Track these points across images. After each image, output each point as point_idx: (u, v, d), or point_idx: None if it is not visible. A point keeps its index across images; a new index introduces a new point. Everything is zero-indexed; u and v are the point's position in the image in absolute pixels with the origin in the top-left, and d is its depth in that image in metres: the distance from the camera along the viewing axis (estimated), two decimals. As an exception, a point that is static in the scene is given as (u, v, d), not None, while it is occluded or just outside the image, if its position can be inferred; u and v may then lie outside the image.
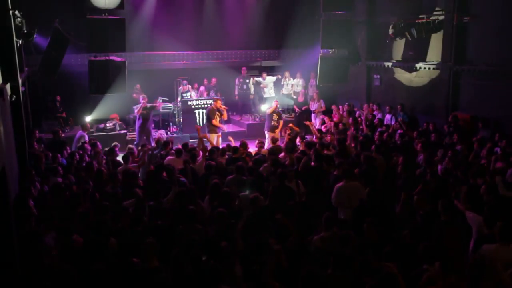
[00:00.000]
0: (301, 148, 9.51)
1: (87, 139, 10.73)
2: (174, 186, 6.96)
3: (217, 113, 11.93)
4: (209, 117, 11.99)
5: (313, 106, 14.55)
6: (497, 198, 6.30)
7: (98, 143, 10.02)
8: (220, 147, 10.14)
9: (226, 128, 12.44)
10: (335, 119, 12.63)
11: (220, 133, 12.09)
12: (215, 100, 12.37)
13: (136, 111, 12.56)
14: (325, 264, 4.78)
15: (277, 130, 12.22)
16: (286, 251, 5.17)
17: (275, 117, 12.34)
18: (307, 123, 12.41)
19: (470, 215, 5.80)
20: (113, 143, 9.79)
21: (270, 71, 16.38)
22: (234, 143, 10.17)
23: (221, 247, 5.03)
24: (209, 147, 9.64)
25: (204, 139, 10.23)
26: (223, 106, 12.18)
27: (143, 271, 4.75)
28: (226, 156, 8.98)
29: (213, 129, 11.87)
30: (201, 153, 9.12)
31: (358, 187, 6.85)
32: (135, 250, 5.06)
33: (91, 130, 12.89)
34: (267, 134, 12.40)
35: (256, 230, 5.62)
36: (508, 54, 10.56)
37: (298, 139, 10.22)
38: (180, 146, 9.45)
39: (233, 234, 5.62)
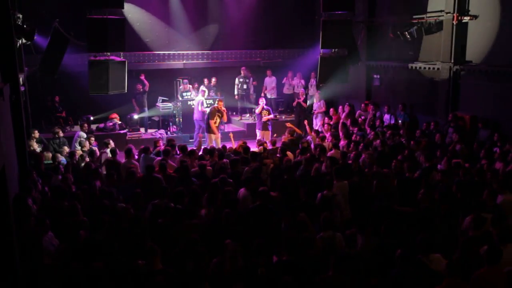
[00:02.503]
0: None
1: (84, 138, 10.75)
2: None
3: (218, 114, 11.95)
4: (209, 117, 12.05)
5: (314, 106, 14.56)
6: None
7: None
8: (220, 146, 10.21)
9: (219, 135, 12.28)
10: (333, 121, 12.63)
11: (219, 134, 12.10)
12: (218, 101, 12.41)
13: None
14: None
15: (270, 128, 12.60)
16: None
17: (264, 113, 12.62)
18: (305, 122, 12.52)
19: None
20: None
21: (270, 71, 16.38)
22: (233, 141, 10.25)
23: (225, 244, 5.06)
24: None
25: (204, 139, 10.29)
26: (223, 108, 12.20)
27: (146, 273, 4.76)
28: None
29: (211, 129, 11.90)
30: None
31: (346, 186, 7.10)
32: (138, 251, 5.08)
33: (90, 130, 12.88)
34: (258, 133, 12.68)
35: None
36: (508, 54, 10.56)
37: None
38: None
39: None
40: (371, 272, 4.95)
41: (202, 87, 14.33)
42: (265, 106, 12.84)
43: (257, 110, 12.88)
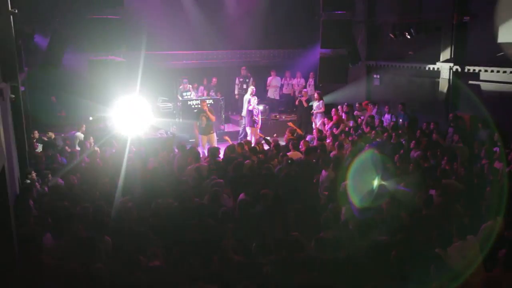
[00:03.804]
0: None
1: (82, 139, 10.77)
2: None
3: (203, 115, 11.98)
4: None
5: (314, 106, 14.54)
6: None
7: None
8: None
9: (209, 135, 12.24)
10: (333, 121, 12.62)
11: (213, 134, 12.14)
12: (201, 102, 12.46)
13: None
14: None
15: (257, 126, 12.84)
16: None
17: (254, 111, 12.82)
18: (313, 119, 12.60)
19: None
20: None
21: (270, 70, 16.38)
22: (230, 142, 10.28)
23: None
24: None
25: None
26: (207, 107, 12.20)
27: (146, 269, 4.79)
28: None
29: (202, 130, 11.93)
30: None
31: None
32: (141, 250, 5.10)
33: (90, 130, 12.88)
34: (248, 130, 12.89)
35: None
36: (507, 54, 10.55)
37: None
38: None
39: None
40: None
41: (251, 86, 14.32)
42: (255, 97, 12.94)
43: (252, 105, 12.83)
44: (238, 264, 4.89)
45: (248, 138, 12.33)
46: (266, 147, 10.20)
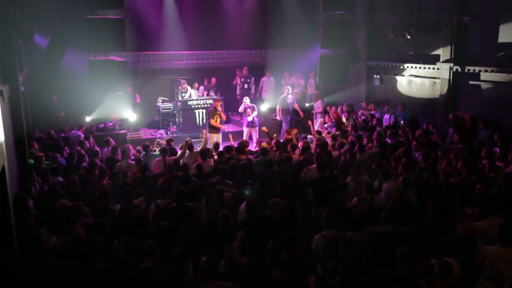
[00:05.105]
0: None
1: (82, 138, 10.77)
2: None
3: (217, 113, 12.08)
4: (209, 117, 12.17)
5: (314, 106, 14.55)
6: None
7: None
8: (221, 146, 10.28)
9: (225, 128, 12.74)
10: (331, 119, 12.63)
11: (220, 133, 12.23)
12: (215, 101, 12.54)
13: None
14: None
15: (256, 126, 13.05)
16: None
17: (248, 112, 12.95)
18: (309, 123, 12.60)
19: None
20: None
21: (270, 71, 16.39)
22: (233, 142, 10.31)
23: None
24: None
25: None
26: (219, 108, 12.27)
27: (138, 271, 4.77)
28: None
29: (212, 129, 11.99)
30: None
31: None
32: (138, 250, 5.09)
33: (90, 129, 12.88)
34: (245, 130, 13.10)
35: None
36: (507, 53, 10.55)
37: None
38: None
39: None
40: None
41: (288, 86, 14.53)
42: (249, 104, 13.06)
43: (240, 109, 13.20)
44: (247, 265, 4.88)
45: (245, 138, 12.46)
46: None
